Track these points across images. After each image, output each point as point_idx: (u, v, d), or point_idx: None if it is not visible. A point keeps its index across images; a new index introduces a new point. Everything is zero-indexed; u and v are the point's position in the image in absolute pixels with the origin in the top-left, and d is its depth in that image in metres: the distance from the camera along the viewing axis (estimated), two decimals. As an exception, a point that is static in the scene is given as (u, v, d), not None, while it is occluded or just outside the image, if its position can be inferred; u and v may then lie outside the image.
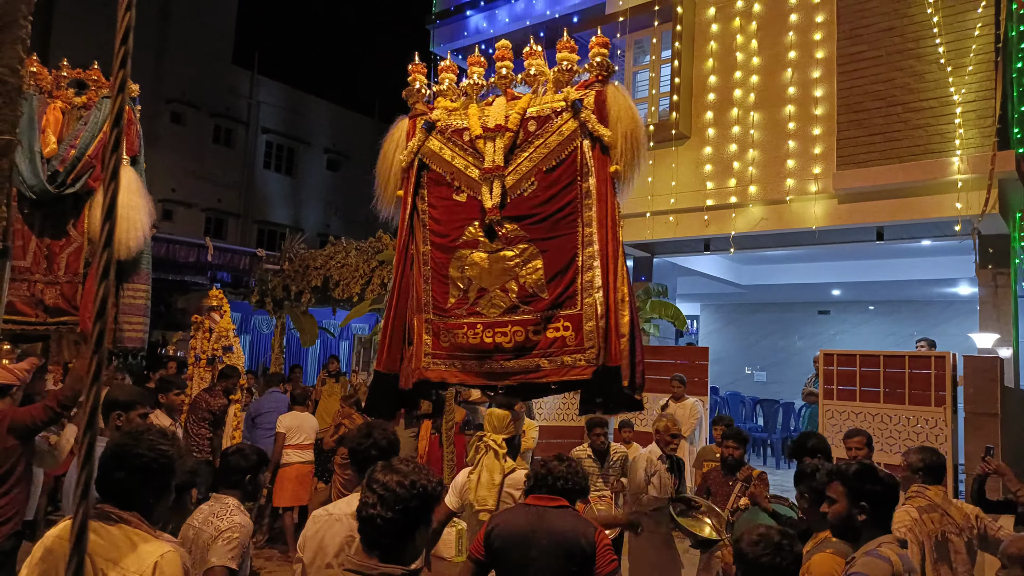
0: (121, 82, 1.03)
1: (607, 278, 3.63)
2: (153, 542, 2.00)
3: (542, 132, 3.88)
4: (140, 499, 2.05)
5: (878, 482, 2.64)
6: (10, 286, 4.34)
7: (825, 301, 14.63)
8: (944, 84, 7.96)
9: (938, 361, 7.01)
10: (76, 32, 22.10)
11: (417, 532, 1.92)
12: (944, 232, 8.47)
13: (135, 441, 2.08)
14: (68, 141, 4.39)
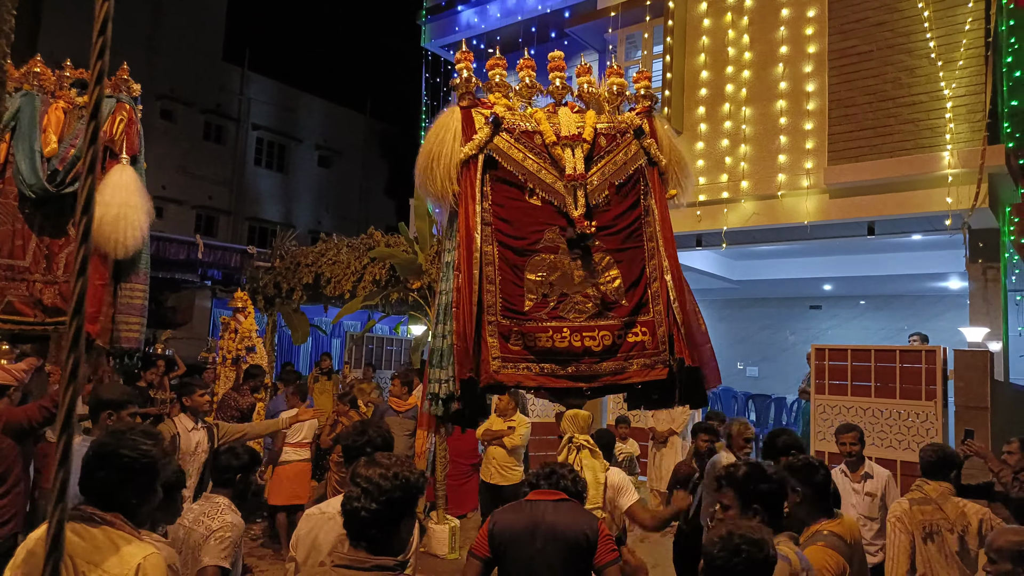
0: (99, 73, 1.01)
1: (680, 288, 4.16)
2: (136, 543, 1.97)
3: (612, 148, 4.16)
4: (123, 500, 2.02)
5: (766, 481, 2.65)
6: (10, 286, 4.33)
7: (817, 296, 14.67)
8: (935, 79, 7.98)
9: (929, 355, 7.04)
10: (65, 26, 21.91)
11: (402, 523, 1.94)
12: (935, 227, 8.50)
13: (117, 441, 2.04)
14: (68, 140, 4.39)
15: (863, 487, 4.73)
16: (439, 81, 14.17)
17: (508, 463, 6.63)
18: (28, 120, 4.45)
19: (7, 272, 4.33)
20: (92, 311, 4.14)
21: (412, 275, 8.43)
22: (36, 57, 4.73)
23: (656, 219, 4.14)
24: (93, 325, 4.16)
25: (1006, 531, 2.82)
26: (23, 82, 4.62)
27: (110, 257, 4.23)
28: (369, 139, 28.70)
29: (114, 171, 4.25)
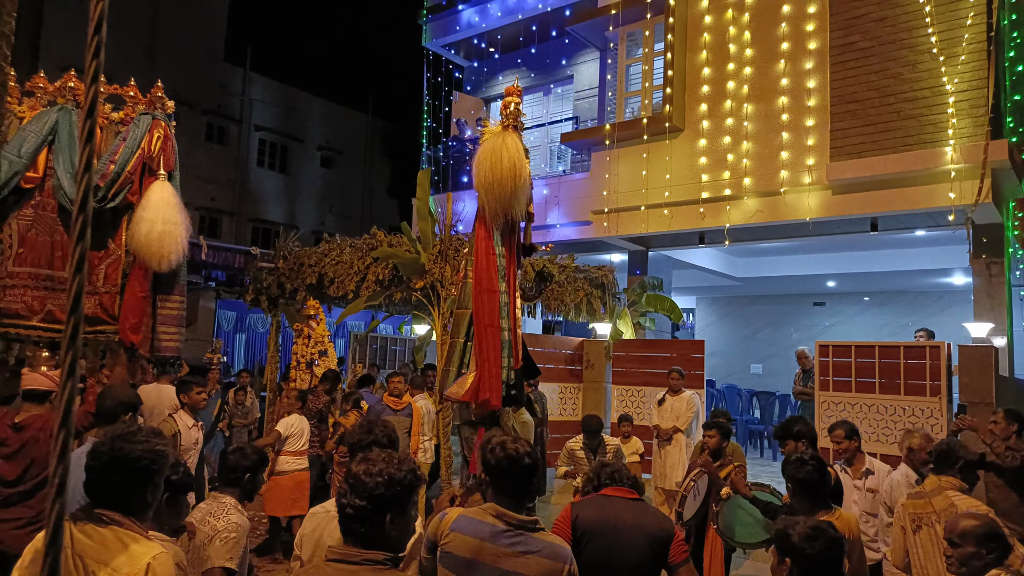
0: (94, 71, 1.01)
1: None
2: (145, 543, 1.98)
3: None
4: (132, 500, 2.04)
5: None
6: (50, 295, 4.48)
7: (820, 292, 14.64)
8: (937, 74, 7.95)
9: (933, 351, 7.02)
10: (67, 27, 21.97)
11: (388, 519, 1.93)
12: (938, 222, 8.48)
13: (129, 442, 2.05)
14: (107, 156, 4.46)
15: (864, 483, 4.71)
16: (440, 80, 14.17)
17: None
18: (67, 134, 4.53)
19: (47, 282, 4.48)
20: (134, 322, 4.32)
21: (415, 275, 8.42)
22: (71, 72, 4.81)
23: None
24: (136, 335, 4.32)
25: (965, 515, 2.85)
26: (57, 96, 4.70)
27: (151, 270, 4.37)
28: (371, 139, 28.70)
29: (155, 187, 4.39)
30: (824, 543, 2.38)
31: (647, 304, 10.33)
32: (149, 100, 4.71)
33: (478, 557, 2.36)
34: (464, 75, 14.95)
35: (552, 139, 13.19)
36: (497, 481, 2.53)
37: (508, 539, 2.40)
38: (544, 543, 2.43)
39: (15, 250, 4.53)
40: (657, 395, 8.38)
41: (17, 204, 4.52)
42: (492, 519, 2.43)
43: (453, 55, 14.63)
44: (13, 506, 3.51)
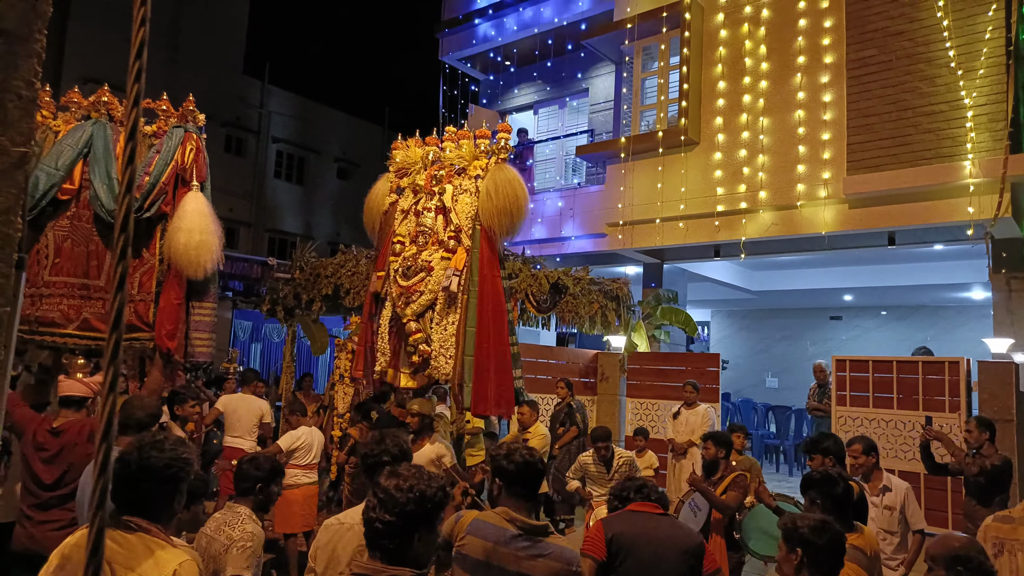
0: (136, 96, 1.05)
1: None
2: (171, 550, 2.03)
3: None
4: (159, 507, 2.09)
5: None
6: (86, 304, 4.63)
7: (837, 306, 14.54)
8: (955, 88, 7.92)
9: (952, 367, 6.96)
10: (89, 44, 22.37)
11: (416, 536, 1.94)
12: (957, 236, 8.42)
13: (157, 450, 2.10)
14: (142, 168, 4.56)
15: (882, 500, 4.66)
16: (456, 93, 14.28)
17: None
18: (103, 147, 4.66)
19: (83, 291, 4.60)
20: (170, 328, 4.45)
21: (430, 286, 8.46)
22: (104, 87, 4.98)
23: None
24: (172, 341, 4.45)
25: (944, 537, 2.81)
26: (91, 111, 4.86)
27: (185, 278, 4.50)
28: (387, 151, 28.88)
29: (189, 198, 4.51)
30: (832, 535, 2.51)
31: (662, 317, 10.31)
32: (181, 113, 4.84)
33: (491, 559, 2.47)
34: (480, 88, 15.05)
35: (567, 152, 13.23)
36: (509, 486, 2.63)
37: (520, 543, 2.49)
38: (553, 547, 2.53)
39: (51, 260, 4.66)
40: (672, 408, 8.35)
41: (54, 215, 4.64)
42: (505, 523, 2.52)
43: (469, 68, 14.73)
44: (52, 509, 3.60)
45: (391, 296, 5.04)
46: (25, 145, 1.98)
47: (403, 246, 5.12)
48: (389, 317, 5.10)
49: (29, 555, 3.42)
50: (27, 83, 2.03)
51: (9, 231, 1.91)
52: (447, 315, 4.77)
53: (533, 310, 9.10)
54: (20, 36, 1.95)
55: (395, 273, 5.01)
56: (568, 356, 10.19)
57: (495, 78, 14.65)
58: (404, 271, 4.96)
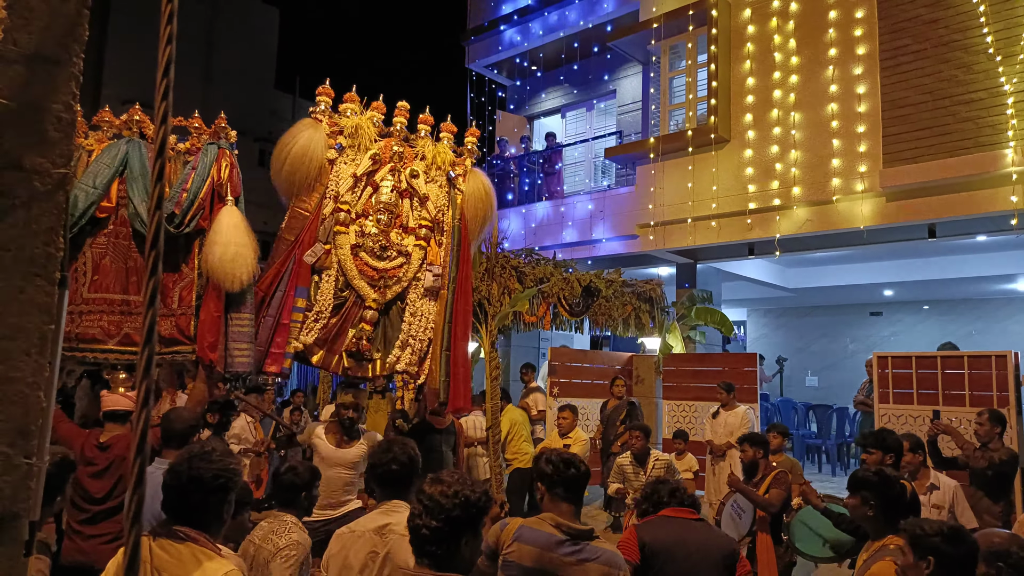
0: (163, 114, 1.07)
1: None
2: (218, 560, 2.09)
3: None
4: (207, 517, 2.16)
5: None
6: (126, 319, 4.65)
7: (877, 302, 14.23)
8: (994, 75, 7.71)
9: (999, 360, 6.76)
10: (127, 64, 22.94)
11: (463, 541, 1.96)
12: (1000, 227, 8.19)
13: (206, 461, 2.17)
14: (179, 185, 4.61)
15: (929, 499, 4.55)
16: (483, 100, 14.33)
17: None
18: (139, 165, 4.72)
19: (123, 306, 4.65)
20: (211, 340, 4.49)
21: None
22: (135, 106, 5.02)
23: None
24: (213, 353, 4.50)
25: (984, 534, 2.80)
26: (123, 129, 4.92)
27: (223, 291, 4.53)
28: (417, 160, 29.12)
29: (225, 213, 4.57)
30: (969, 546, 2.42)
31: (697, 317, 10.20)
32: (214, 131, 4.89)
33: (540, 565, 2.47)
34: (507, 94, 15.09)
35: (596, 154, 13.19)
36: (552, 490, 2.63)
37: (567, 548, 2.49)
38: (601, 551, 2.53)
39: (89, 277, 4.69)
40: (710, 409, 8.25)
41: (92, 233, 4.69)
42: (551, 528, 2.52)
43: (496, 75, 14.78)
44: (101, 522, 3.68)
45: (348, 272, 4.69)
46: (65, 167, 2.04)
47: (349, 216, 4.74)
48: (332, 293, 4.71)
49: (79, 567, 3.51)
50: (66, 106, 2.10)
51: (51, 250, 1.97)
52: (420, 307, 4.76)
53: (566, 314, 9.08)
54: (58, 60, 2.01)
55: (356, 249, 4.71)
56: (602, 359, 10.14)
57: (522, 83, 14.68)
58: (377, 251, 4.72)
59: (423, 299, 4.79)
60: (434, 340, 4.77)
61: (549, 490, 2.64)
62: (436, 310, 4.81)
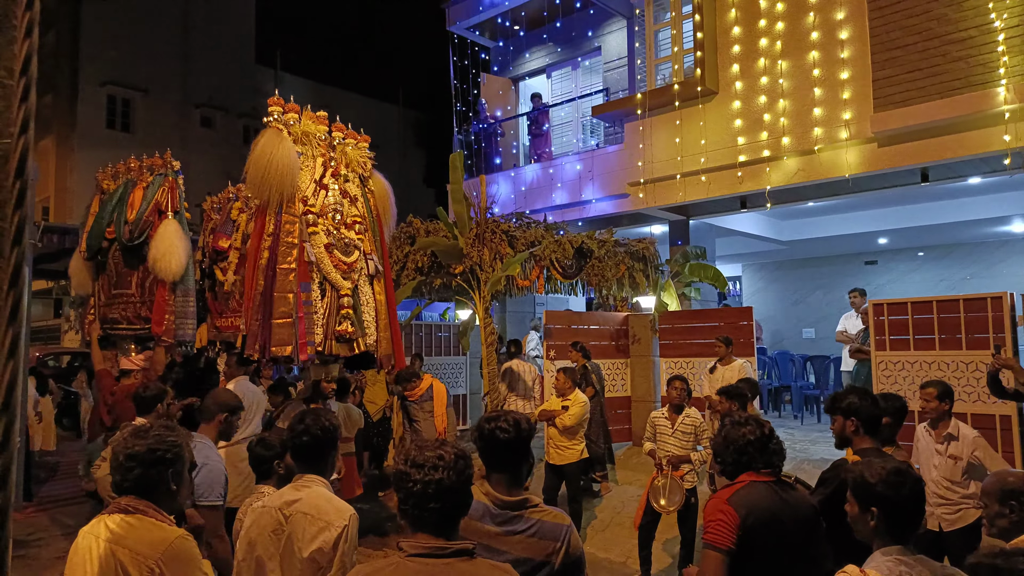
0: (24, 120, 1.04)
1: None
2: (167, 529, 2.23)
3: None
4: (153, 490, 2.27)
5: None
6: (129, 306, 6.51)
7: (872, 251, 14.18)
8: (983, 11, 7.55)
9: (995, 302, 6.73)
10: (105, 48, 22.51)
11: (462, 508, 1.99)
12: (993, 168, 8.09)
13: (142, 438, 2.27)
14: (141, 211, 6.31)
15: (946, 448, 4.53)
16: (467, 64, 14.06)
17: (563, 442, 6.61)
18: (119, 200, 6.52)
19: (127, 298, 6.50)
20: (157, 318, 6.06)
21: (454, 260, 8.41)
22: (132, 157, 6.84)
23: None
24: (159, 327, 6.06)
25: (997, 473, 2.79)
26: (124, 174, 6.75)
27: (167, 281, 6.04)
28: (404, 129, 28.78)
29: (164, 224, 6.14)
30: (912, 484, 2.26)
31: (691, 274, 10.14)
32: (163, 163, 6.50)
33: (466, 536, 2.25)
34: (491, 56, 14.82)
35: (583, 113, 13.00)
36: (484, 459, 2.44)
37: (494, 519, 2.33)
38: (533, 521, 2.33)
39: (111, 279, 6.64)
40: (707, 364, 8.23)
41: (109, 250, 6.65)
42: (482, 498, 2.35)
43: (478, 36, 14.49)
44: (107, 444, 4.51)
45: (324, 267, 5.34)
46: (8, 137, 1.94)
47: (316, 217, 5.33)
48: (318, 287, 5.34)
49: None
50: (8, 71, 1.99)
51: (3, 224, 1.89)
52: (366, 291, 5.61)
53: (559, 276, 9.00)
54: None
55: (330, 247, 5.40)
56: (598, 320, 10.09)
57: (505, 44, 14.40)
58: (343, 248, 5.46)
59: (366, 284, 5.61)
60: (379, 315, 5.68)
61: (483, 459, 2.43)
62: (376, 290, 5.69)
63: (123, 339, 6.66)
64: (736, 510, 2.56)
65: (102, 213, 6.64)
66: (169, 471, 2.28)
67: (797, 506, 2.68)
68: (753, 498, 2.61)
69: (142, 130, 23.36)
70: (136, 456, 2.24)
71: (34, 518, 7.67)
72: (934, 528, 4.46)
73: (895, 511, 2.23)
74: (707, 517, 2.64)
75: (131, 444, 2.26)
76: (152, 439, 2.27)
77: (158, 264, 5.93)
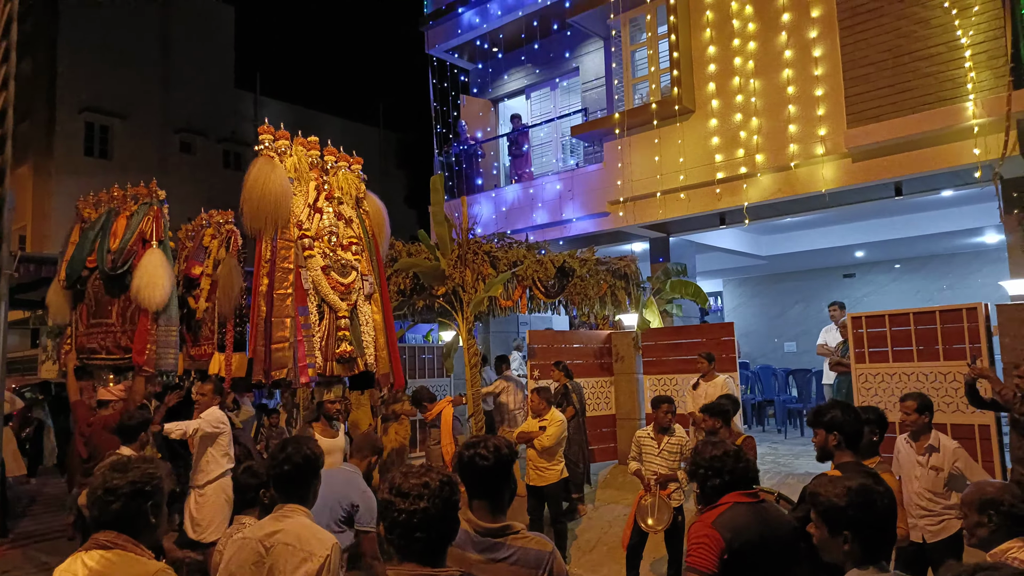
0: None
1: None
2: (147, 564, 2.19)
3: None
4: (131, 524, 2.22)
5: None
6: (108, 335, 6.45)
7: (849, 264, 14.34)
8: (951, 28, 7.73)
9: (970, 313, 6.82)
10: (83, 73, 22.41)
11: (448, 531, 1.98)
12: (965, 180, 8.24)
13: (121, 472, 2.23)
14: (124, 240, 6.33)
15: (927, 460, 4.56)
16: (446, 86, 14.16)
17: (542, 463, 6.58)
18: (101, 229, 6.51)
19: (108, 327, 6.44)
20: (139, 347, 6.04)
21: (436, 281, 8.41)
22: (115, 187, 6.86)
23: None
24: (140, 357, 6.03)
25: (977, 484, 2.83)
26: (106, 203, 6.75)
27: (149, 310, 6.03)
28: (385, 151, 28.82)
29: (148, 253, 6.16)
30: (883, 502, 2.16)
31: (672, 291, 10.19)
32: (148, 193, 6.55)
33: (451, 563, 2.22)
34: (470, 78, 14.92)
35: (563, 133, 13.10)
36: (466, 485, 2.38)
37: (476, 547, 2.30)
38: (515, 549, 2.29)
39: (90, 308, 6.56)
40: (690, 381, 8.26)
41: (89, 279, 6.59)
42: (465, 525, 2.30)
43: (457, 59, 14.60)
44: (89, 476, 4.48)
45: (321, 290, 5.42)
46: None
47: (312, 240, 5.41)
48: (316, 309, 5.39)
49: None
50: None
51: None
52: (364, 310, 5.65)
53: (541, 296, 9.02)
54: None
55: (327, 269, 5.47)
56: (581, 339, 10.11)
57: (484, 66, 14.52)
58: (340, 269, 5.53)
59: (364, 303, 5.70)
60: (376, 335, 5.73)
61: (464, 485, 2.38)
62: (373, 310, 5.75)
63: (101, 369, 6.61)
64: (721, 533, 2.53)
65: (83, 242, 6.62)
66: (149, 504, 2.23)
67: (779, 527, 2.67)
68: (738, 521, 2.59)
69: (121, 156, 23.21)
70: (115, 490, 2.20)
71: (8, 555, 7.50)
72: (917, 540, 4.47)
73: (867, 532, 2.16)
74: (691, 540, 2.60)
75: (110, 478, 2.21)
76: (133, 472, 2.23)
77: (142, 293, 5.97)
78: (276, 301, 5.15)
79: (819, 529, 2.22)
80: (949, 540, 4.38)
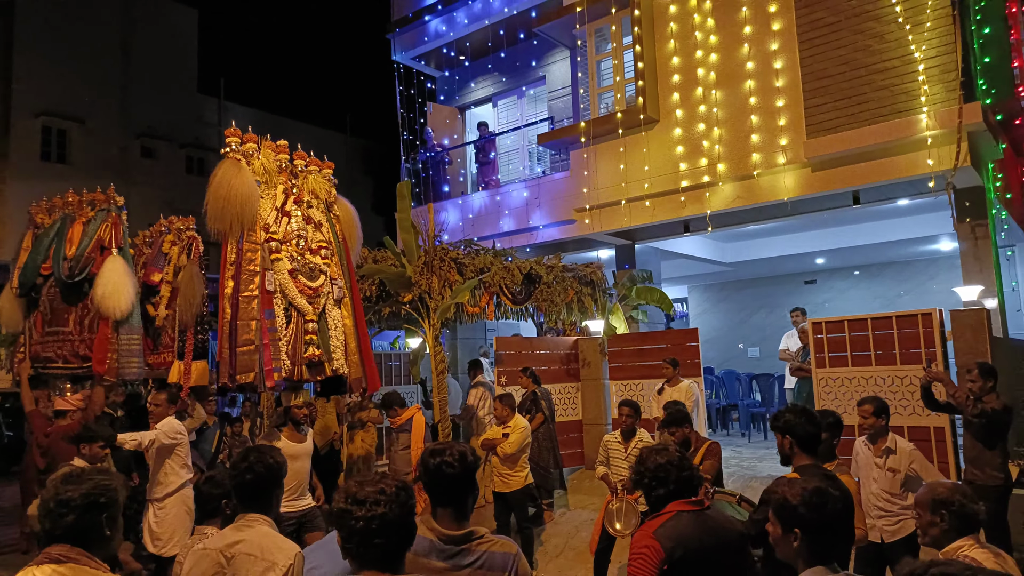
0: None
1: None
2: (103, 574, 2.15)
3: None
4: (85, 536, 2.15)
5: None
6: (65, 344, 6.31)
7: (810, 271, 14.64)
8: (905, 43, 7.97)
9: (925, 319, 7.02)
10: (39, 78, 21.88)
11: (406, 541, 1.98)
12: (919, 190, 8.49)
13: (75, 484, 2.16)
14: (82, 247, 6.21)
15: (885, 462, 4.67)
16: (413, 93, 14.14)
17: (505, 470, 6.58)
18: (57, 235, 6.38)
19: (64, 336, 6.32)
20: (100, 356, 5.92)
21: (402, 288, 8.37)
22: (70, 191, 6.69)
23: None
24: (101, 367, 5.92)
25: (929, 485, 2.92)
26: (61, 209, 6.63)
27: (111, 319, 5.92)
28: (352, 158, 28.63)
29: (109, 260, 6.02)
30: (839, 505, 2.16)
31: (638, 297, 10.30)
32: (106, 199, 6.40)
33: (415, 571, 2.25)
34: (437, 85, 14.93)
35: (529, 141, 13.18)
36: (430, 493, 2.38)
37: (443, 554, 2.29)
38: (480, 553, 2.30)
39: (45, 316, 6.45)
40: (655, 386, 8.35)
41: (43, 286, 6.49)
42: (428, 533, 2.30)
43: (423, 66, 14.60)
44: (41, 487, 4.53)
45: (288, 293, 5.39)
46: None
47: (278, 243, 5.37)
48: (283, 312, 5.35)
49: None
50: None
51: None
52: (333, 315, 5.65)
53: (508, 302, 9.04)
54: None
55: (295, 272, 5.47)
56: (548, 345, 10.15)
57: (451, 74, 14.54)
58: (308, 273, 5.53)
59: (333, 307, 5.68)
60: (347, 339, 5.70)
61: (427, 492, 2.39)
62: (343, 314, 5.75)
63: (57, 378, 6.46)
64: (662, 543, 2.53)
65: (37, 248, 6.47)
66: (104, 516, 2.17)
67: (724, 534, 2.67)
68: (680, 529, 2.58)
69: (80, 161, 22.68)
70: (69, 503, 2.13)
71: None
72: (876, 540, 4.58)
73: (818, 532, 2.17)
74: (632, 551, 2.60)
75: (63, 490, 2.14)
76: (86, 484, 2.17)
77: (105, 302, 5.85)
78: (241, 304, 5.08)
79: (774, 527, 2.26)
80: (906, 539, 4.50)
